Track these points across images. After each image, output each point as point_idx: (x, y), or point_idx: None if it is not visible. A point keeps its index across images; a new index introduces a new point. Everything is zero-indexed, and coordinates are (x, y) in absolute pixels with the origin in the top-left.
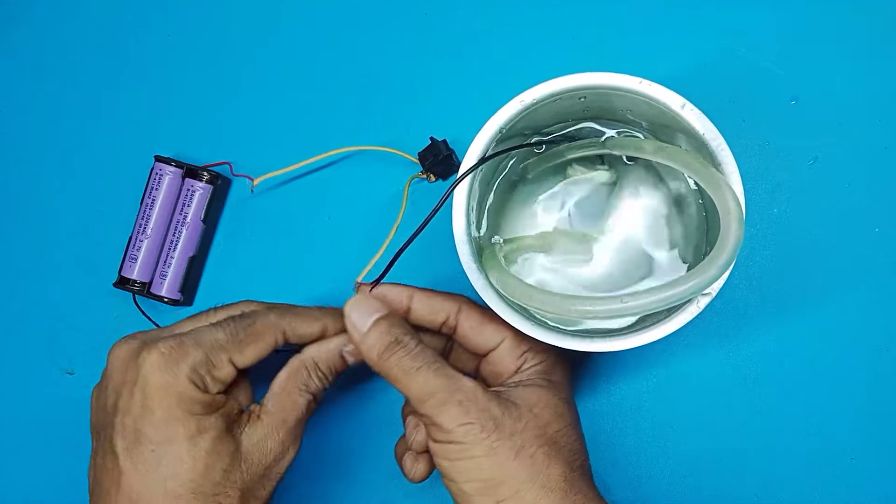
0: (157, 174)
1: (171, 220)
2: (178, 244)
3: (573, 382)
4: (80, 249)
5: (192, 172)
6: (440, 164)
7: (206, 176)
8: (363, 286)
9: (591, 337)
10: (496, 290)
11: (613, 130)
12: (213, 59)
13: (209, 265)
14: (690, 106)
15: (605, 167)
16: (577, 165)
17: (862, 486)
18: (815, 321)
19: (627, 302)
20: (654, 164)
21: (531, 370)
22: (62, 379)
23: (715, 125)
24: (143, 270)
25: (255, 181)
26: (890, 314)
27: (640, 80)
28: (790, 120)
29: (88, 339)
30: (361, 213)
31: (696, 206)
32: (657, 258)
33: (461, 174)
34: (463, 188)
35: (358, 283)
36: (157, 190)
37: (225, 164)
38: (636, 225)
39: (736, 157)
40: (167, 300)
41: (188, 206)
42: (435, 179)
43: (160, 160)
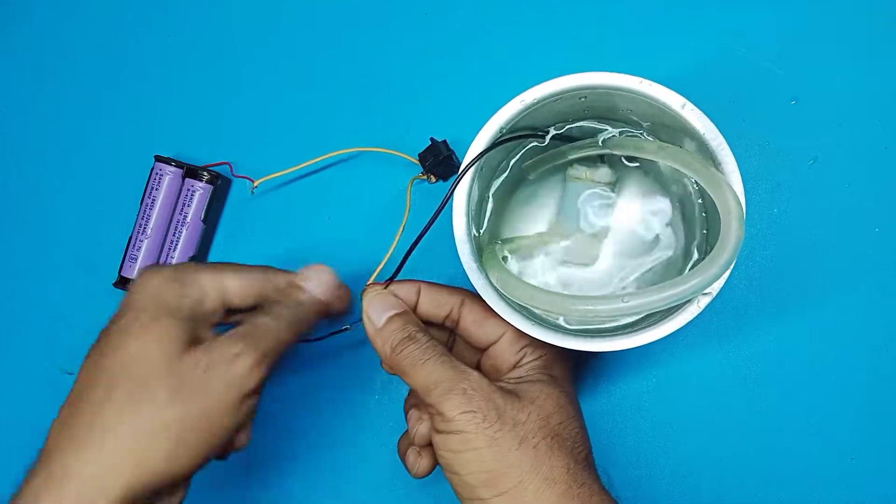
0: (157, 174)
1: (171, 220)
2: (178, 244)
3: (574, 378)
4: (80, 249)
5: (192, 172)
6: (440, 164)
7: (206, 176)
8: (377, 284)
9: (591, 337)
10: (496, 289)
11: (614, 130)
12: (213, 59)
13: None
14: (691, 106)
15: (605, 167)
16: (577, 166)
17: (862, 486)
18: (815, 321)
19: (628, 301)
20: (653, 164)
21: (531, 365)
22: (62, 379)
23: (715, 125)
24: (142, 270)
25: (255, 183)
26: (890, 314)
27: (640, 79)
28: (790, 120)
29: (88, 339)
30: (362, 214)
31: (696, 205)
32: (657, 258)
33: (465, 166)
34: (463, 188)
35: (370, 282)
36: (157, 190)
37: (225, 164)
38: (636, 225)
39: (736, 157)
40: None
41: (188, 206)
42: (435, 180)
43: (160, 160)
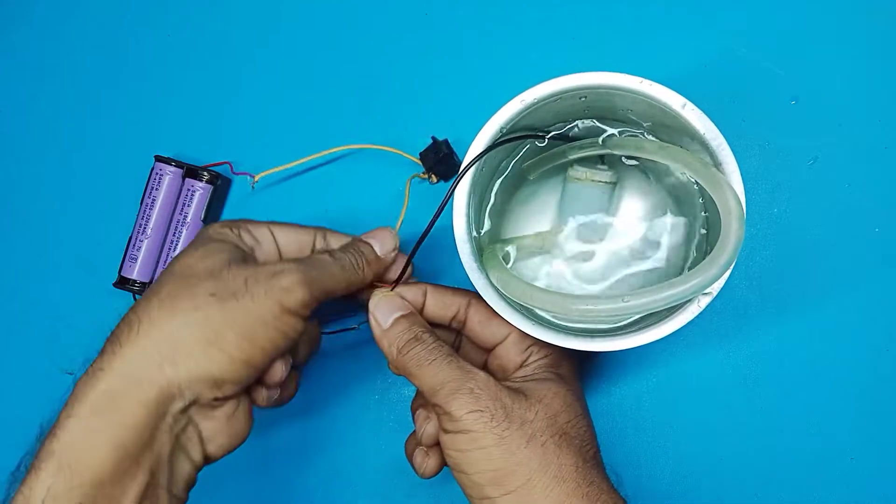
0: (157, 174)
1: (171, 220)
2: (178, 244)
3: (581, 376)
4: (80, 249)
5: (192, 172)
6: (441, 163)
7: (206, 176)
8: (384, 286)
9: (591, 336)
10: (497, 289)
11: (614, 130)
12: (213, 59)
13: None
14: (691, 106)
15: (605, 167)
16: (577, 166)
17: (862, 486)
18: (815, 321)
19: (628, 301)
20: (653, 164)
21: (537, 364)
22: (62, 379)
23: (715, 125)
24: (143, 270)
25: (255, 177)
26: (890, 314)
27: (640, 79)
28: (790, 120)
29: (88, 339)
30: (361, 212)
31: (696, 205)
32: (657, 258)
33: (465, 166)
34: (463, 188)
35: (377, 284)
36: (157, 190)
37: (225, 163)
38: (636, 224)
39: (736, 157)
40: None
41: (188, 206)
42: (437, 180)
43: (160, 160)
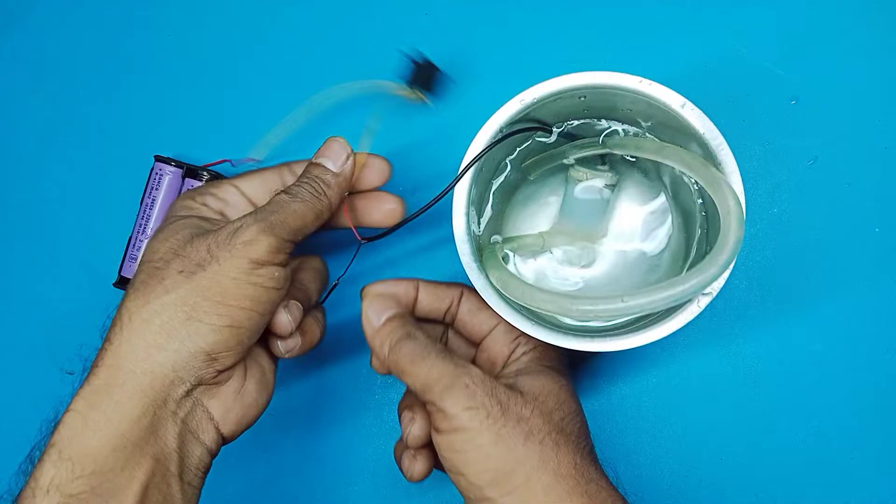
0: (157, 174)
1: None
2: None
3: (571, 374)
4: (80, 249)
5: (192, 172)
6: (421, 75)
7: (206, 176)
8: (375, 284)
9: (591, 337)
10: (496, 289)
11: (615, 130)
12: (213, 58)
13: None
14: (690, 105)
15: (605, 167)
16: (578, 166)
17: (862, 486)
18: (814, 321)
19: (627, 301)
20: (654, 164)
21: (526, 357)
22: (62, 379)
23: (715, 125)
24: None
25: (256, 159)
26: (890, 314)
27: (640, 79)
28: (790, 120)
29: (88, 339)
30: None
31: (696, 205)
32: (657, 258)
33: (466, 164)
34: (463, 188)
35: (366, 288)
36: (157, 190)
37: (226, 162)
38: (636, 225)
39: (736, 157)
40: None
41: None
42: (423, 98)
43: (160, 160)
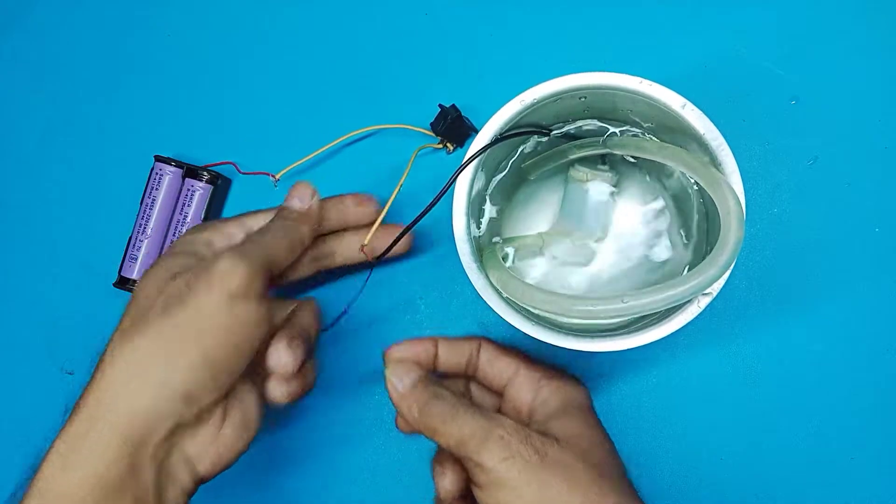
0: (157, 174)
1: (171, 220)
2: None
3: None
4: (80, 249)
5: (192, 172)
6: (451, 128)
7: (206, 176)
8: (395, 349)
9: (591, 337)
10: (496, 289)
11: (615, 130)
12: (213, 58)
13: None
14: (691, 106)
15: (606, 168)
16: (578, 166)
17: (862, 486)
18: (815, 321)
19: (628, 302)
20: (654, 164)
21: (552, 400)
22: (62, 379)
23: (715, 125)
24: (142, 270)
25: (276, 176)
26: (890, 314)
27: (640, 80)
28: (790, 120)
29: (88, 339)
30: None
31: (696, 206)
32: (657, 258)
33: (466, 160)
34: (463, 187)
35: (389, 349)
36: (157, 190)
37: (228, 163)
38: (636, 225)
39: (736, 157)
40: None
41: (188, 206)
42: (453, 149)
43: (160, 160)
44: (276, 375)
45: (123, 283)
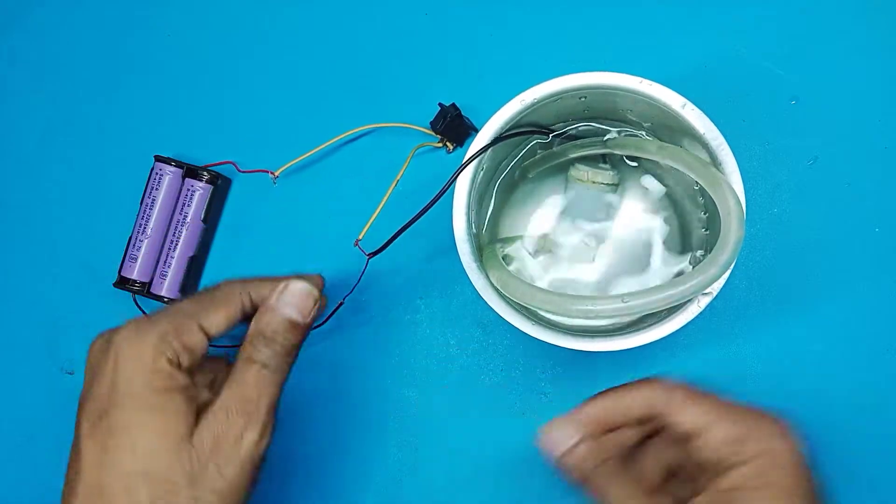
0: (157, 174)
1: (171, 220)
2: (178, 244)
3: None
4: (80, 249)
5: (192, 172)
6: (451, 126)
7: (206, 176)
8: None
9: (591, 337)
10: (496, 289)
11: (615, 130)
12: (213, 58)
13: (209, 265)
14: (691, 106)
15: (607, 167)
16: (579, 165)
17: (862, 485)
18: (815, 321)
19: (628, 301)
20: (655, 164)
21: (748, 468)
22: (62, 379)
23: (715, 125)
24: (143, 270)
25: (275, 173)
26: (890, 314)
27: (640, 79)
28: (790, 120)
29: (88, 339)
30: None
31: (696, 206)
32: (658, 258)
33: (466, 159)
34: (463, 187)
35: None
36: (157, 190)
37: (228, 163)
38: (637, 225)
39: (736, 157)
40: (167, 300)
41: (188, 206)
42: (452, 148)
43: (160, 160)
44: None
45: (123, 283)
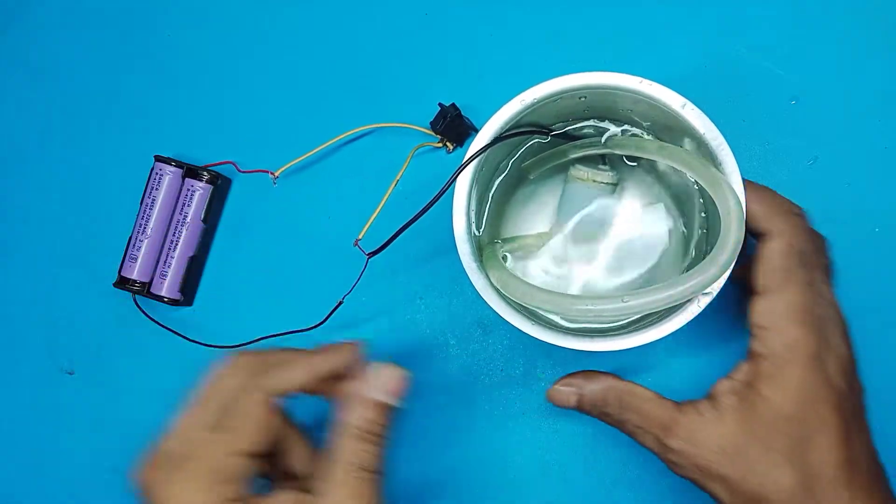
0: (157, 174)
1: (171, 220)
2: (178, 244)
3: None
4: (80, 249)
5: (192, 172)
6: (451, 126)
7: (206, 176)
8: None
9: (591, 337)
10: (496, 289)
11: (616, 130)
12: (213, 58)
13: (209, 265)
14: (691, 105)
15: (606, 168)
16: (578, 166)
17: None
18: None
19: (628, 301)
20: (654, 164)
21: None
22: (62, 379)
23: (715, 125)
24: (143, 270)
25: (275, 174)
26: (890, 314)
27: (640, 79)
28: (790, 120)
29: (88, 339)
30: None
31: (696, 206)
32: (657, 258)
33: (466, 159)
34: (463, 188)
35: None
36: (157, 190)
37: (228, 163)
38: (636, 225)
39: (736, 157)
40: (167, 300)
41: (188, 206)
42: (452, 148)
43: (160, 160)
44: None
45: (123, 283)
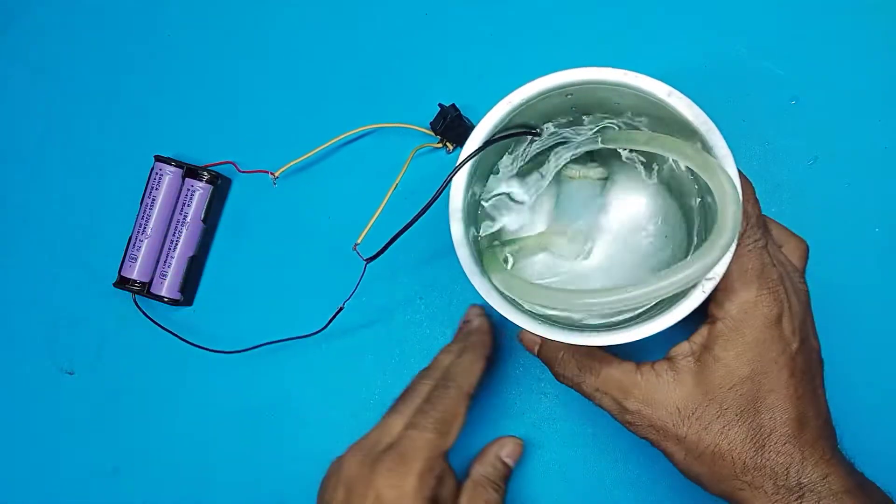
0: (157, 174)
1: (171, 220)
2: (178, 244)
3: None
4: (80, 249)
5: (192, 172)
6: (450, 126)
7: (206, 176)
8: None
9: (598, 331)
10: (500, 292)
11: (606, 124)
12: (213, 58)
13: (209, 265)
14: (677, 94)
15: (596, 164)
16: (570, 165)
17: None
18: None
19: (632, 292)
20: (646, 155)
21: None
22: (62, 379)
23: (714, 124)
24: (143, 270)
25: (275, 174)
26: (890, 314)
27: (624, 71)
28: (790, 120)
29: (88, 339)
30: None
31: (691, 195)
32: (655, 250)
33: (460, 162)
34: (459, 191)
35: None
36: (157, 190)
37: (228, 163)
38: (631, 219)
39: (736, 157)
40: (167, 300)
41: (188, 206)
42: (452, 149)
43: (160, 160)
44: None
45: (123, 282)
